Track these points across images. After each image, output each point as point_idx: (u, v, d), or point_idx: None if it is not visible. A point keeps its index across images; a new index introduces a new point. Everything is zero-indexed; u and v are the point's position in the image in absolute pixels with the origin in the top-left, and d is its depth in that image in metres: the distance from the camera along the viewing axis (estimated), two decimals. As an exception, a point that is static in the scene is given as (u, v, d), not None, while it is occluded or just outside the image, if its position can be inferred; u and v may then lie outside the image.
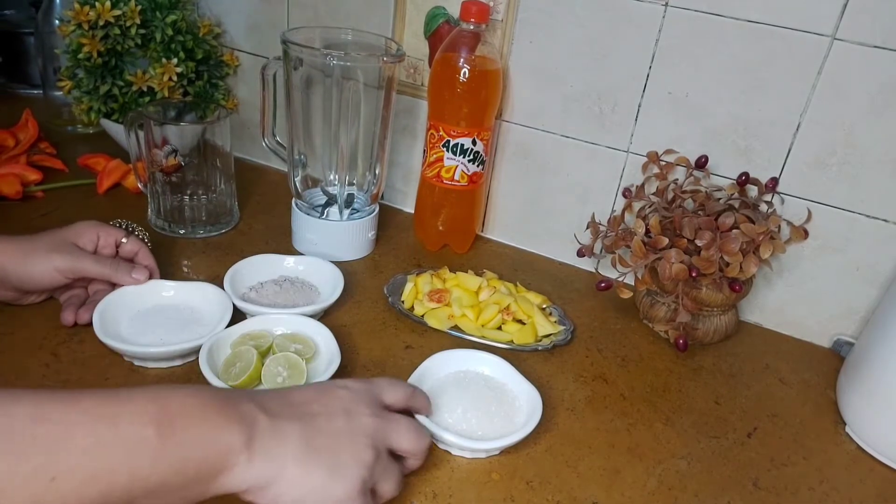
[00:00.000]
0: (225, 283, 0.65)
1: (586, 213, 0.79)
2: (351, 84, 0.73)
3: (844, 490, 0.56)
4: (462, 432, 0.53)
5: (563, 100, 0.78)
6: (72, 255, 0.60)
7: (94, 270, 0.60)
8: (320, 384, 0.48)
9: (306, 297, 0.68)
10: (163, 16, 0.86)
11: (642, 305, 0.74)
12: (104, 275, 0.61)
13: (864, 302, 0.72)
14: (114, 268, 0.61)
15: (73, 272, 0.60)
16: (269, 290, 0.67)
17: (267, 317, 0.62)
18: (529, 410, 0.55)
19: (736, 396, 0.66)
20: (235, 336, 0.59)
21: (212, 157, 0.77)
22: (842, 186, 0.69)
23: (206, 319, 0.62)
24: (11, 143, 0.89)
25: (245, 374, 0.54)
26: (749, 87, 0.69)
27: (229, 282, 0.65)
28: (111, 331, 0.58)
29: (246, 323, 0.61)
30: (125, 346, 0.56)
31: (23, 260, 0.58)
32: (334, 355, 0.58)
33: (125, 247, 0.65)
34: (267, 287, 0.68)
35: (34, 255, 0.58)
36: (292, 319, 0.62)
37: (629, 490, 0.53)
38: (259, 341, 0.58)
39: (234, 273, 0.67)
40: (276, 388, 0.54)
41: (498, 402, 0.56)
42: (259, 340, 0.58)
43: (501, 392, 0.58)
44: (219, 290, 0.64)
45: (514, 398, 0.57)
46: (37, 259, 0.58)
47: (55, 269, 0.58)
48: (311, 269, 0.71)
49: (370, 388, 0.47)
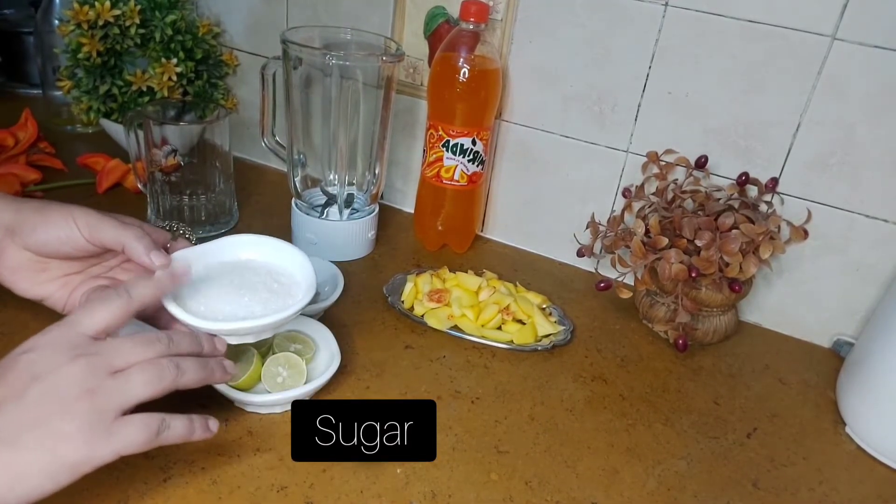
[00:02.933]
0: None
1: (586, 213, 0.79)
2: (350, 84, 0.73)
3: (844, 490, 0.56)
4: (225, 316, 0.50)
5: (562, 100, 0.78)
6: (96, 213, 0.52)
7: (110, 235, 0.51)
8: (3, 361, 0.41)
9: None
10: (162, 15, 0.86)
11: (642, 305, 0.74)
12: (120, 242, 0.51)
13: (864, 302, 0.72)
14: (135, 238, 0.51)
15: (93, 229, 0.51)
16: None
17: None
18: (307, 287, 0.53)
19: (736, 397, 0.66)
20: None
21: (211, 156, 0.77)
22: (842, 186, 0.69)
23: None
24: (11, 143, 0.89)
25: (245, 374, 0.54)
26: (749, 87, 0.69)
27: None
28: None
29: None
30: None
31: (40, 212, 0.52)
32: (334, 355, 0.58)
33: (175, 246, 0.57)
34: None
35: (51, 207, 0.52)
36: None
37: (628, 490, 0.53)
38: (258, 342, 0.58)
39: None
40: (274, 389, 0.54)
41: (268, 288, 0.53)
42: (258, 341, 0.58)
43: (274, 276, 0.55)
44: None
45: (291, 281, 0.55)
46: (54, 210, 0.52)
47: (74, 220, 0.51)
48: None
49: (61, 333, 0.42)
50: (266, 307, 0.52)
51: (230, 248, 0.56)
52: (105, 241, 0.52)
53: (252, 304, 0.52)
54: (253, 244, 0.57)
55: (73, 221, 0.51)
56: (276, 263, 0.56)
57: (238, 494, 0.47)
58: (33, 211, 0.52)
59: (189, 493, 0.47)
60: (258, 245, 0.57)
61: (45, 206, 0.52)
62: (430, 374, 0.62)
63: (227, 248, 0.56)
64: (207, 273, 0.54)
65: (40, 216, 0.51)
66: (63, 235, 0.51)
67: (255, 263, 0.56)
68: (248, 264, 0.56)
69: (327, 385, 0.56)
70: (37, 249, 0.52)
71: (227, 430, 0.53)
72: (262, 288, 0.53)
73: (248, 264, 0.56)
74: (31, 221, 0.51)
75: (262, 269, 0.55)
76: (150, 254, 0.50)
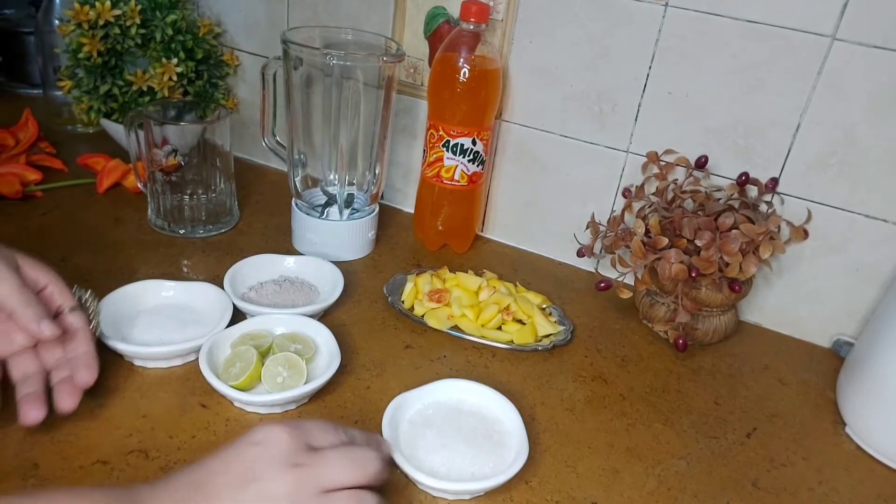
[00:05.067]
0: (225, 284, 0.65)
1: (586, 213, 0.79)
2: (351, 84, 0.73)
3: (844, 490, 0.56)
4: (439, 472, 0.49)
5: (562, 100, 0.78)
6: (2, 264, 0.49)
7: (7, 294, 0.48)
8: (233, 445, 0.42)
9: (306, 296, 0.68)
10: (163, 15, 0.86)
11: (642, 305, 0.74)
12: (10, 305, 0.48)
13: (864, 302, 0.72)
14: (25, 304, 0.48)
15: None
16: (269, 290, 0.67)
17: (267, 317, 0.62)
18: (518, 445, 0.52)
19: (735, 397, 0.66)
20: (235, 336, 0.59)
21: (211, 156, 0.77)
22: (842, 186, 0.69)
23: (206, 319, 0.62)
24: (11, 143, 0.89)
25: (245, 374, 0.54)
26: (749, 87, 0.69)
27: (229, 282, 0.65)
28: (111, 331, 0.57)
29: (246, 323, 0.61)
30: (125, 347, 0.56)
31: None
32: (334, 355, 0.58)
33: (67, 318, 0.52)
34: (267, 287, 0.68)
35: None
36: (292, 319, 0.62)
37: (628, 490, 0.53)
38: (259, 341, 0.58)
39: (233, 273, 0.67)
40: (274, 389, 0.54)
41: (486, 436, 0.53)
42: (259, 340, 0.58)
43: (490, 425, 0.54)
44: (218, 290, 0.64)
45: (504, 432, 0.54)
46: None
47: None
48: (311, 269, 0.71)
49: (290, 435, 0.42)
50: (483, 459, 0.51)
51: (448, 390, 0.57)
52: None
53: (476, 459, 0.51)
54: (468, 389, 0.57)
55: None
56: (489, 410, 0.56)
57: (238, 494, 0.47)
58: None
59: (189, 493, 0.47)
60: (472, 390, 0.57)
61: None
62: (431, 373, 0.62)
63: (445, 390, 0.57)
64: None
65: None
66: None
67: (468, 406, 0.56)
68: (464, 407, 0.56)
69: (327, 385, 0.56)
70: None
71: (228, 431, 0.53)
72: (480, 436, 0.53)
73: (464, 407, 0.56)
74: None
75: (476, 415, 0.55)
76: (40, 324, 0.48)
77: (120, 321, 0.60)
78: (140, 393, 0.55)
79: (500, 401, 0.55)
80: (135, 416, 0.53)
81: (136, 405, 0.54)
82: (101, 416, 0.52)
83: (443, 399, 0.56)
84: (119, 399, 0.54)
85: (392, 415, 0.52)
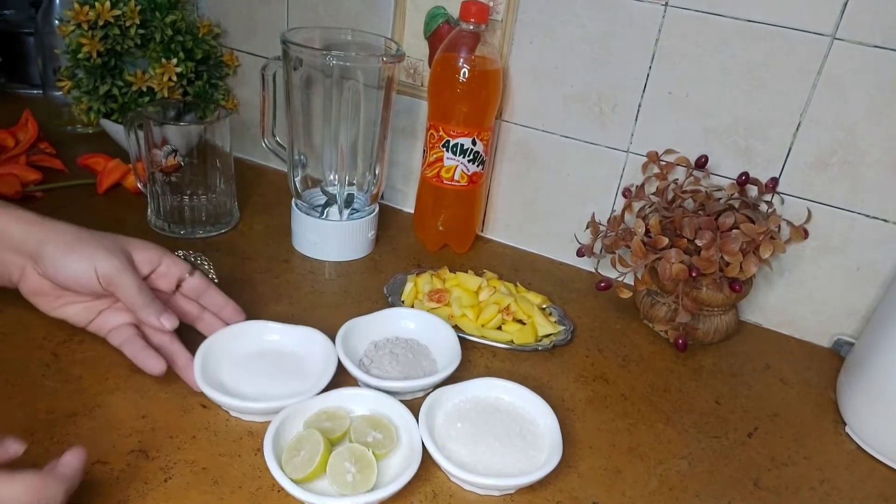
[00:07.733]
0: (337, 343, 0.58)
1: (586, 213, 0.79)
2: (351, 84, 0.73)
3: (845, 490, 0.56)
4: (467, 465, 0.49)
5: (563, 100, 0.78)
6: (120, 263, 0.52)
7: (128, 295, 0.52)
8: None
9: (421, 365, 0.60)
10: (162, 16, 0.86)
11: (642, 305, 0.74)
12: (135, 305, 0.53)
13: (864, 302, 0.72)
14: (145, 302, 0.53)
15: (110, 283, 0.52)
16: (385, 357, 0.60)
17: (351, 390, 0.55)
18: (551, 447, 0.51)
19: (736, 396, 0.66)
20: (311, 412, 0.52)
21: (211, 157, 0.77)
22: (842, 186, 0.69)
23: (310, 370, 0.57)
24: (11, 143, 0.89)
25: (310, 467, 0.46)
26: (749, 87, 0.69)
27: (341, 341, 0.59)
28: (210, 377, 0.53)
29: (327, 396, 0.54)
30: (225, 399, 0.52)
31: (66, 246, 0.52)
32: (414, 454, 0.49)
33: (189, 283, 0.57)
34: (381, 348, 0.61)
35: (80, 245, 0.52)
36: (379, 399, 0.54)
37: (630, 490, 0.53)
38: (335, 422, 0.51)
39: (346, 331, 0.60)
40: (342, 490, 0.46)
41: (521, 436, 0.53)
42: (335, 421, 0.51)
43: (525, 425, 0.54)
44: (326, 340, 0.58)
45: (538, 433, 0.53)
46: (81, 250, 0.52)
47: (95, 268, 0.52)
48: (425, 328, 0.64)
49: None
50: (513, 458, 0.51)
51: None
52: (119, 297, 0.53)
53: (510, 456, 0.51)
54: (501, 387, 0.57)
55: (93, 271, 0.52)
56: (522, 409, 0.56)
57: (239, 494, 0.47)
58: (59, 246, 0.52)
59: (190, 493, 0.47)
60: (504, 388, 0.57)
61: (73, 243, 0.52)
62: (431, 373, 0.62)
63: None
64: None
65: (63, 253, 0.52)
66: (82, 280, 0.52)
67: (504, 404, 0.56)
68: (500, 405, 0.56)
69: (326, 387, 0.55)
70: (54, 282, 0.53)
71: (229, 431, 0.53)
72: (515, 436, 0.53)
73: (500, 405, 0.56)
74: (52, 257, 0.52)
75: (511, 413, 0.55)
76: (161, 318, 0.53)
77: (222, 366, 0.56)
78: (140, 393, 0.55)
79: (536, 402, 0.55)
80: (135, 416, 0.53)
81: (136, 405, 0.54)
82: (101, 417, 0.52)
83: (481, 395, 0.56)
84: (119, 399, 0.54)
85: (430, 405, 0.53)
